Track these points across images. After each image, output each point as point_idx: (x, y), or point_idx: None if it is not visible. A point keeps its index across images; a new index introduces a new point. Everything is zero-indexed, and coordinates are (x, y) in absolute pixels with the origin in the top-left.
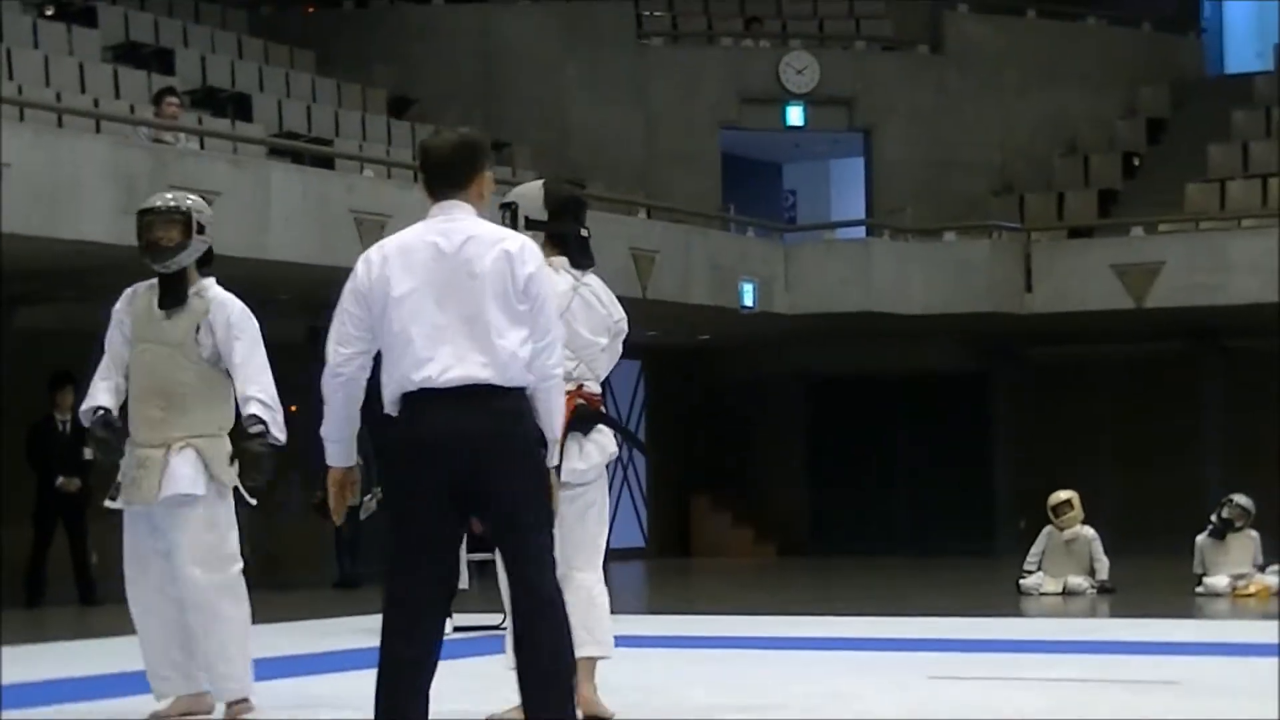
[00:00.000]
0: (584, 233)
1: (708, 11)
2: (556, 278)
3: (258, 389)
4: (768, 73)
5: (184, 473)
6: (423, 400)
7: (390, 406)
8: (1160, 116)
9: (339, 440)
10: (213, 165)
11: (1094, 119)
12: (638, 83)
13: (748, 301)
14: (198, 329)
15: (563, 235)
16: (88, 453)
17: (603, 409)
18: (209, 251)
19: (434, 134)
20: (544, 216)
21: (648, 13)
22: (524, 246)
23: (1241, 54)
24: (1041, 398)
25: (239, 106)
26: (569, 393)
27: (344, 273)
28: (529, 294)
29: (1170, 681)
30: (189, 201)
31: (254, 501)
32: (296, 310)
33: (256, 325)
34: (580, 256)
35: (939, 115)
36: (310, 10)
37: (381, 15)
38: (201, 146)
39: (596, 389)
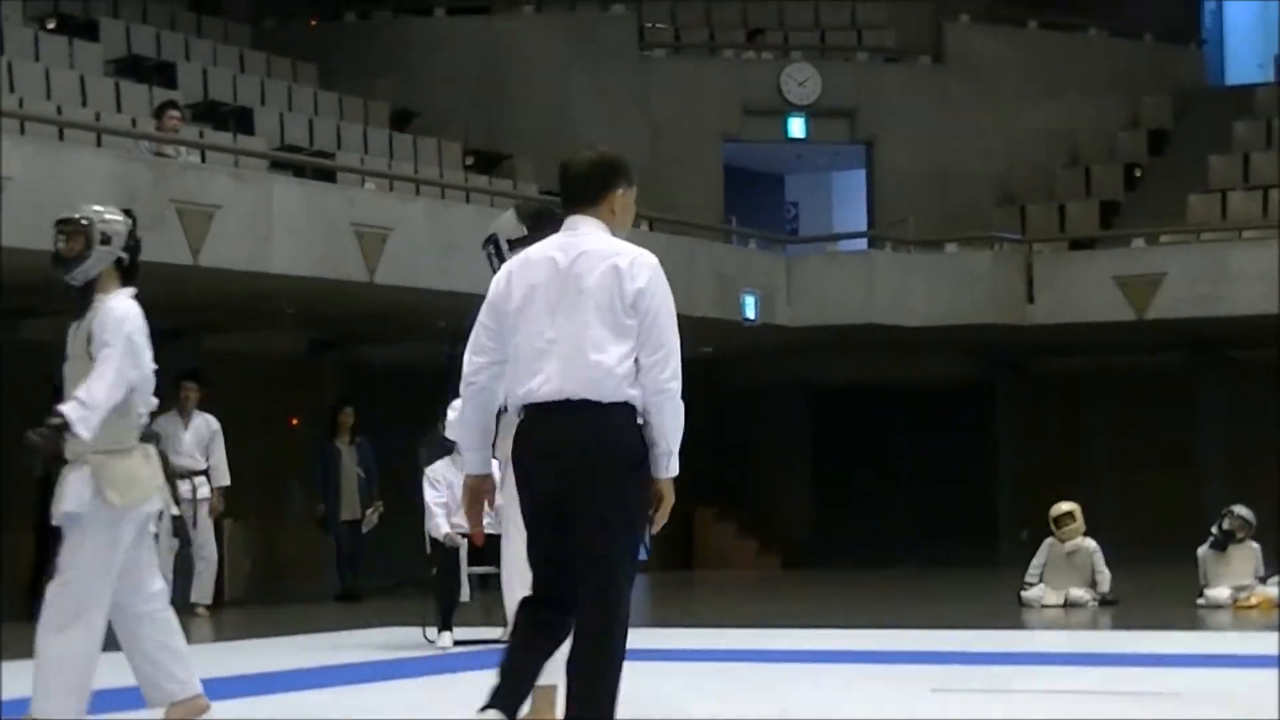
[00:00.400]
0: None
1: (710, 23)
2: None
3: (85, 389)
4: (769, 84)
5: (72, 490)
6: (530, 413)
7: (513, 416)
8: (1162, 127)
9: (473, 449)
10: (214, 179)
11: (1096, 130)
12: (640, 94)
13: (750, 313)
14: (89, 340)
15: None
16: None
17: None
18: (133, 263)
19: (575, 151)
20: (523, 233)
21: (650, 24)
22: (635, 261)
23: (1242, 65)
24: (1043, 408)
25: (240, 120)
26: None
27: (345, 285)
28: (638, 308)
29: (1172, 693)
30: (94, 212)
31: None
32: (298, 324)
33: (130, 330)
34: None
35: (941, 126)
36: (313, 24)
37: (384, 28)
38: (203, 160)
39: None
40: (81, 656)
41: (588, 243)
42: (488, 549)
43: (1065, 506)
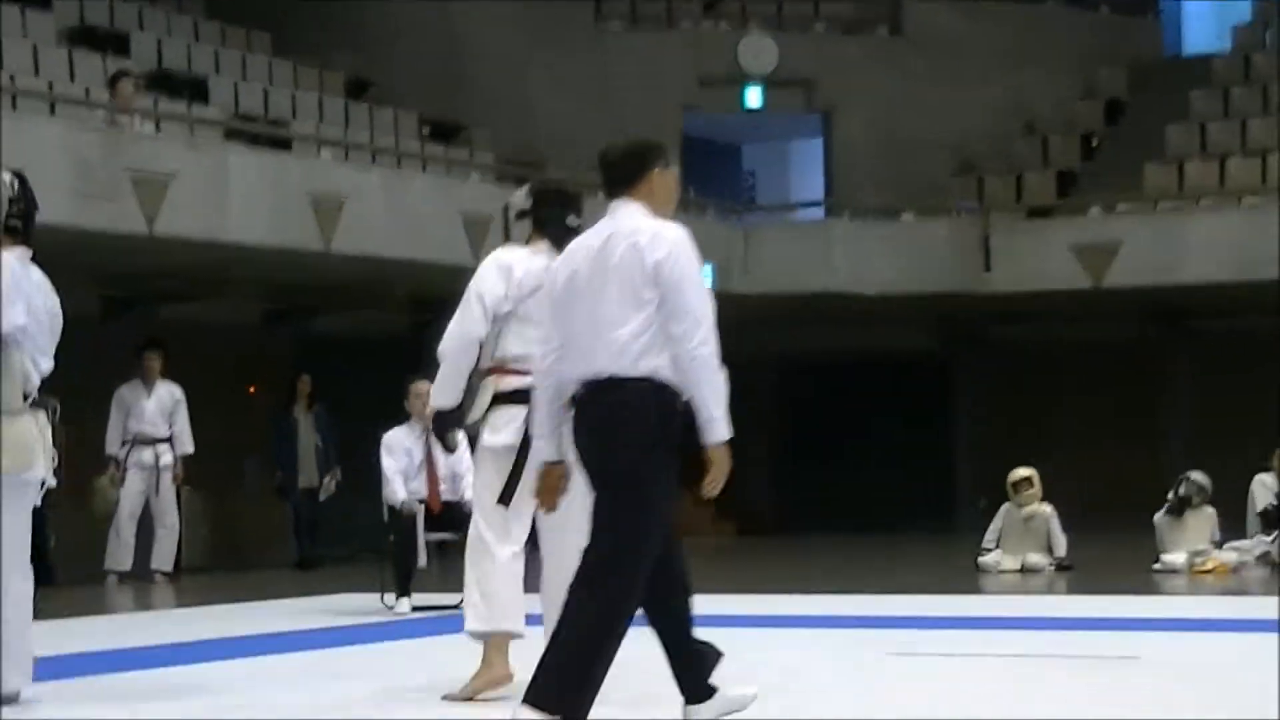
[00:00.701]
0: (571, 221)
1: None
2: (536, 260)
3: None
4: (727, 55)
5: None
6: (573, 397)
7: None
8: (1119, 98)
9: (545, 435)
10: (169, 148)
11: (1053, 100)
12: (597, 65)
13: (707, 283)
14: None
15: (544, 220)
16: None
17: None
18: (24, 224)
19: (611, 140)
20: (526, 206)
21: None
22: (655, 235)
23: (1199, 35)
24: (1002, 377)
25: (195, 89)
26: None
27: (301, 254)
28: (658, 280)
29: (1129, 657)
30: None
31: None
32: (254, 292)
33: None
34: (563, 242)
35: (898, 97)
36: None
37: None
38: (157, 129)
39: None
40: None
41: (618, 224)
42: (444, 515)
43: (1023, 472)
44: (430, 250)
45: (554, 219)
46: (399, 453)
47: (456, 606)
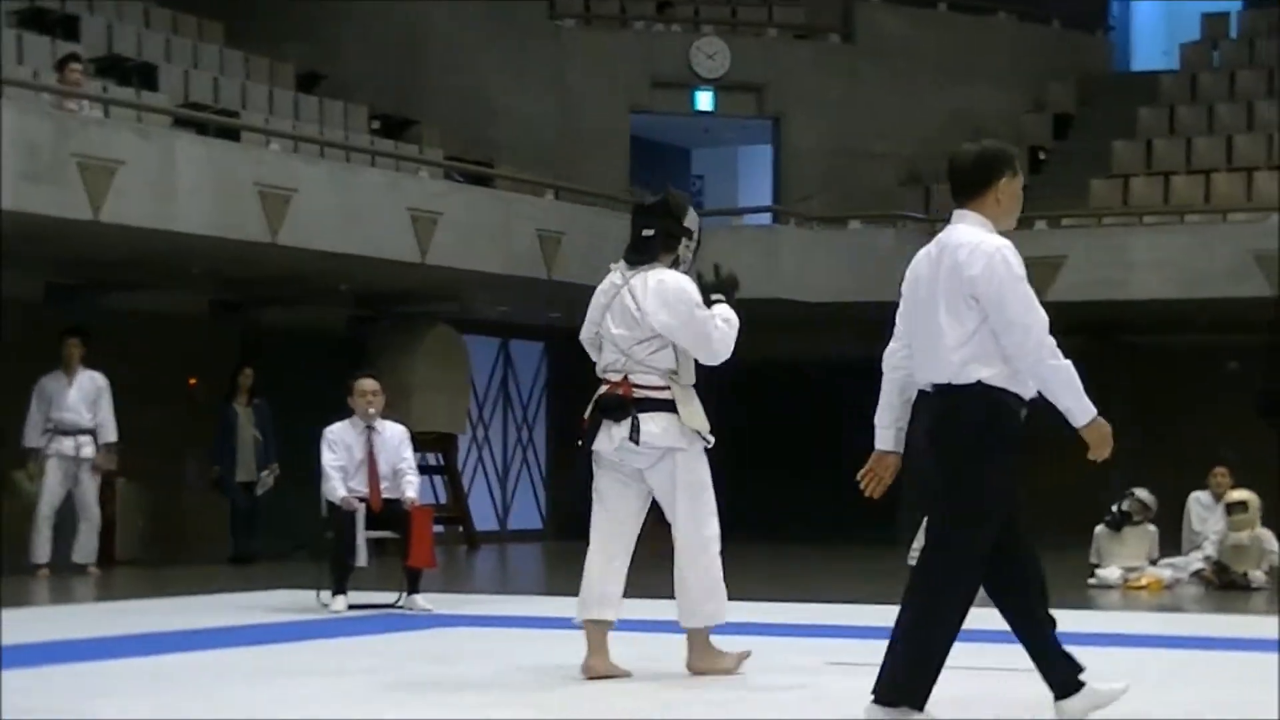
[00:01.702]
0: (646, 232)
1: None
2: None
3: None
4: (679, 57)
5: None
6: (918, 396)
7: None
8: (1067, 112)
9: (883, 426)
10: (117, 134)
11: (1001, 112)
12: (550, 64)
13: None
14: None
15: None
16: None
17: (652, 397)
18: None
19: (962, 145)
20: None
21: None
22: (974, 250)
23: (1148, 53)
24: None
25: (144, 76)
26: (614, 383)
27: (248, 246)
28: (976, 296)
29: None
30: None
31: None
32: (200, 283)
33: None
34: (628, 253)
35: (848, 105)
36: None
37: None
38: (106, 115)
39: (653, 379)
40: None
41: (950, 236)
42: (385, 513)
43: None
44: (377, 246)
45: (633, 235)
46: (340, 449)
47: (393, 605)
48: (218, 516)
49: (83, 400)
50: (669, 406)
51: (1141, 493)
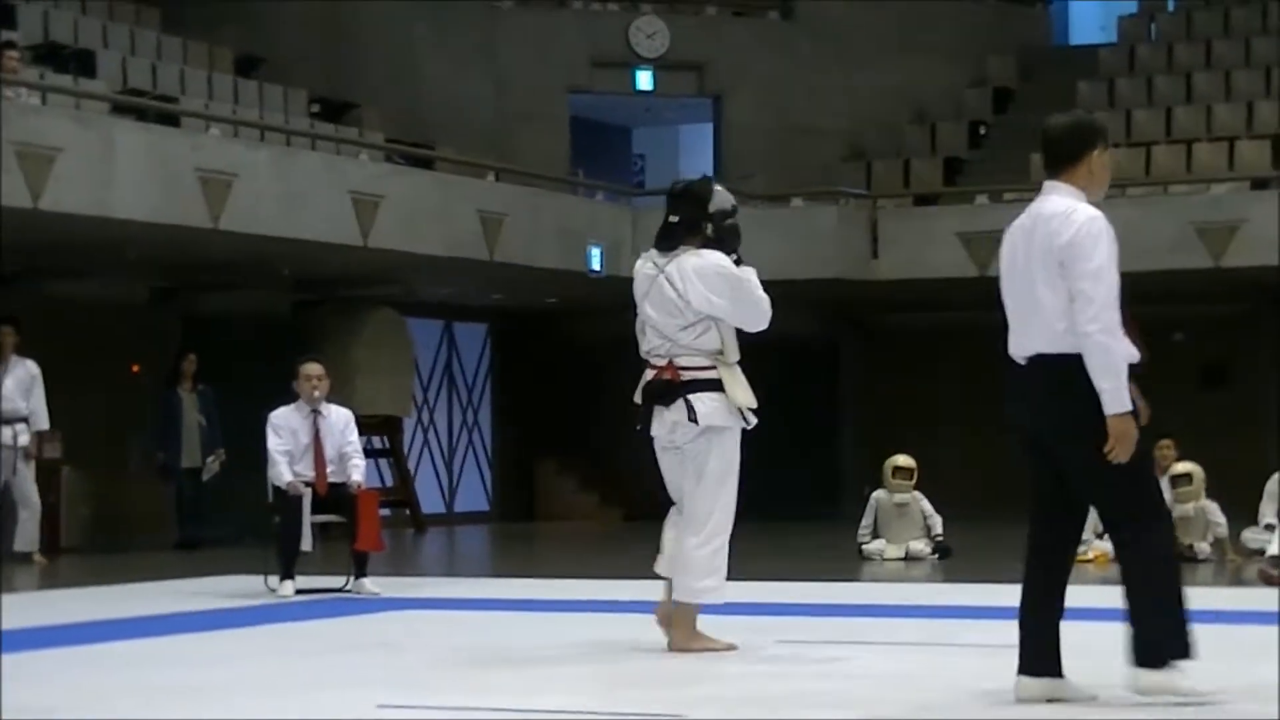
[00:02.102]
0: (673, 219)
1: None
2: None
3: None
4: (618, 36)
5: None
6: (1016, 367)
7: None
8: (1007, 86)
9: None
10: (55, 121)
11: (942, 88)
12: (487, 44)
13: (595, 265)
14: None
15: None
16: None
17: (699, 378)
18: None
19: (1055, 114)
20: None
21: None
22: (1065, 218)
23: (1086, 26)
24: (889, 364)
25: (82, 62)
26: (660, 368)
27: (189, 232)
28: (1064, 262)
29: (1011, 645)
30: None
31: None
32: (141, 270)
33: None
34: (657, 240)
35: (789, 82)
36: None
37: None
38: (44, 102)
39: (699, 360)
40: None
41: (1043, 206)
42: (330, 498)
43: (902, 461)
44: (318, 230)
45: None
46: (285, 433)
47: (341, 589)
48: (161, 503)
49: (17, 389)
50: (717, 386)
51: None
